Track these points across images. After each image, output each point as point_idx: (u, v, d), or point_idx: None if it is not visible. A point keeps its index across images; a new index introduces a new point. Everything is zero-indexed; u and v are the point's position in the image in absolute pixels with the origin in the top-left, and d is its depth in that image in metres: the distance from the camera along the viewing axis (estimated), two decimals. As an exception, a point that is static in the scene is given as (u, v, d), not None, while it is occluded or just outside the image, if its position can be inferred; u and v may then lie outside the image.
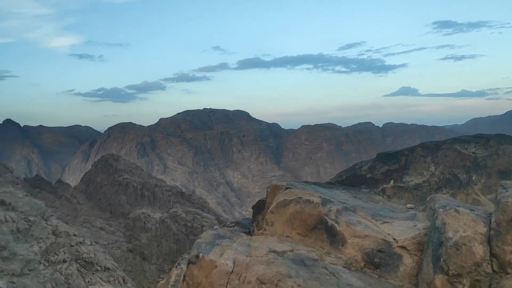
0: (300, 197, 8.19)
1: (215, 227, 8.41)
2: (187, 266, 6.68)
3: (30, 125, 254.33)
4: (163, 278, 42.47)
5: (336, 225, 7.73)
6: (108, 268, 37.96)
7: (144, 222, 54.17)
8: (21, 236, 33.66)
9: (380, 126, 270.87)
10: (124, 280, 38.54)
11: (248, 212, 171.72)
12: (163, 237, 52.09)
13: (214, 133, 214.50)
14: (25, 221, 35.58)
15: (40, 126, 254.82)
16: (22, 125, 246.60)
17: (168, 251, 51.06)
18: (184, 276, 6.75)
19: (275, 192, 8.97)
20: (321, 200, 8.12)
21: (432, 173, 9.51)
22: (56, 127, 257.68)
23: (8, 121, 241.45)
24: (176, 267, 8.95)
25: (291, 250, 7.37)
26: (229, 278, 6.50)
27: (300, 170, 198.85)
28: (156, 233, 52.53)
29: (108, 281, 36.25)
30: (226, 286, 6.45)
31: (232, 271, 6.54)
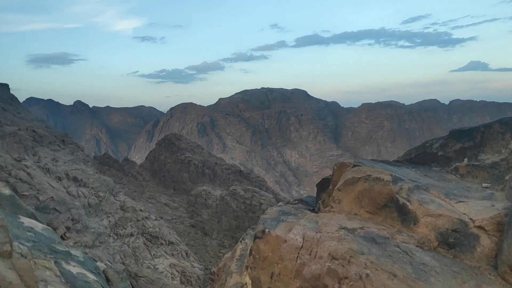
0: (369, 175, 7.99)
1: (279, 203, 8.37)
2: (254, 241, 6.78)
3: (98, 106, 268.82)
4: (223, 254, 43.65)
5: (407, 203, 7.48)
6: (172, 242, 39.62)
7: (205, 199, 55.72)
8: (92, 211, 35.88)
9: (446, 104, 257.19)
10: (187, 254, 40.07)
11: (305, 191, 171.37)
12: (223, 213, 53.38)
13: (271, 112, 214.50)
14: (96, 196, 37.84)
15: (107, 107, 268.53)
16: (91, 106, 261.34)
17: (228, 227, 52.32)
18: (251, 250, 6.84)
19: (342, 169, 8.79)
20: (392, 178, 7.85)
21: (511, 150, 8.75)
22: (122, 107, 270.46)
23: (78, 103, 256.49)
24: (241, 241, 9.07)
25: (361, 228, 7.25)
26: (299, 253, 6.54)
27: (360, 150, 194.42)
28: (217, 210, 53.92)
29: (172, 255, 37.86)
30: (296, 261, 6.48)
31: (302, 246, 6.58)
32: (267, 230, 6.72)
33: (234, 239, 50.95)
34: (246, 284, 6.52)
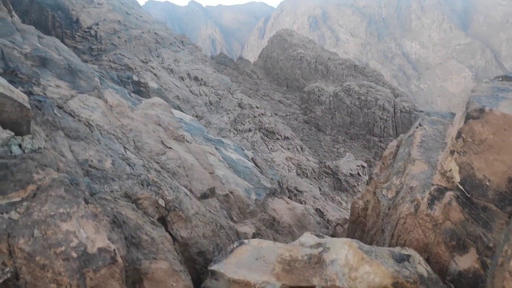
0: None
1: (484, 80, 7.32)
2: (465, 122, 5.69)
3: (211, 5, 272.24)
4: (337, 149, 43.99)
5: None
6: (287, 137, 41.34)
7: (318, 96, 55.71)
8: (213, 108, 38.51)
9: None
10: (301, 148, 41.71)
11: (426, 85, 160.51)
12: (336, 109, 53.24)
13: (390, 0, 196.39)
14: (215, 94, 40.27)
15: (219, 5, 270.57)
16: (204, 6, 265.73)
17: (341, 123, 52.41)
18: (459, 133, 5.80)
19: None
20: None
21: None
22: (233, 5, 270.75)
23: (192, 3, 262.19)
24: (418, 127, 8.55)
25: None
26: None
27: (493, 37, 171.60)
28: (330, 106, 53.85)
29: (288, 149, 39.73)
30: None
31: None
32: (486, 108, 5.42)
33: (348, 134, 51.16)
34: (450, 170, 5.86)
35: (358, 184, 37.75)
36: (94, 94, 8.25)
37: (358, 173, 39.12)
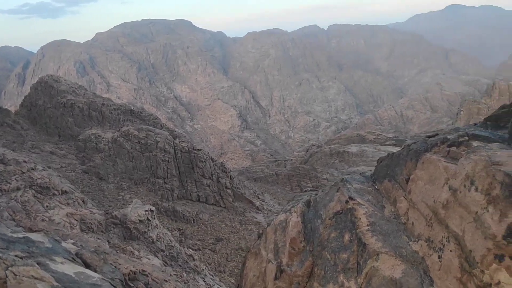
0: None
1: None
2: None
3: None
4: (122, 196, 42.05)
5: None
6: (66, 191, 37.63)
7: (96, 143, 53.01)
8: (-34, 168, 32.24)
9: (325, 29, 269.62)
10: (83, 201, 38.55)
11: (199, 126, 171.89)
12: (117, 156, 51.58)
13: (156, 46, 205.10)
14: (-32, 152, 33.85)
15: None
16: None
17: (124, 169, 50.95)
18: None
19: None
20: None
21: None
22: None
23: None
24: (348, 201, 6.88)
25: None
26: None
27: (249, 80, 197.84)
28: (110, 153, 51.84)
29: (67, 204, 36.14)
30: None
31: None
32: None
33: (132, 180, 49.99)
34: (498, 283, 3.84)
35: (148, 230, 36.99)
36: None
37: (148, 218, 38.35)
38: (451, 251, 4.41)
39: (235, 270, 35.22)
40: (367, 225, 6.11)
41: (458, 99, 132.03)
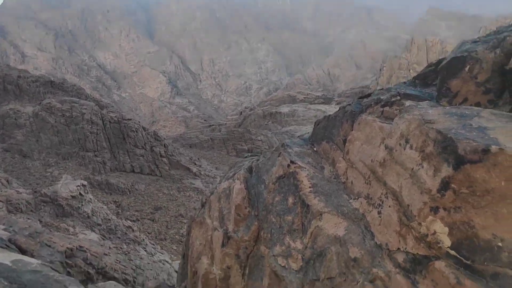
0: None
1: (419, 105, 5.23)
2: (456, 168, 3.90)
3: None
4: (50, 173, 40.62)
5: None
6: (-14, 173, 35.22)
7: (15, 119, 49.48)
8: None
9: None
10: (7, 181, 36.33)
11: (127, 94, 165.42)
12: (40, 131, 48.65)
13: (73, 12, 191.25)
14: None
15: None
16: None
17: (49, 145, 48.30)
18: (447, 183, 3.98)
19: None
20: None
21: None
22: None
23: None
24: (290, 165, 6.68)
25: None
26: None
27: (176, 44, 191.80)
28: (32, 128, 48.75)
29: (-11, 186, 33.90)
30: None
31: None
32: (493, 147, 3.72)
33: (60, 155, 47.62)
34: (434, 233, 4.09)
35: (82, 205, 35.83)
36: None
37: (80, 193, 37.05)
38: (389, 206, 4.63)
39: (176, 236, 35.49)
40: (309, 187, 6.28)
41: (380, 55, 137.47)
